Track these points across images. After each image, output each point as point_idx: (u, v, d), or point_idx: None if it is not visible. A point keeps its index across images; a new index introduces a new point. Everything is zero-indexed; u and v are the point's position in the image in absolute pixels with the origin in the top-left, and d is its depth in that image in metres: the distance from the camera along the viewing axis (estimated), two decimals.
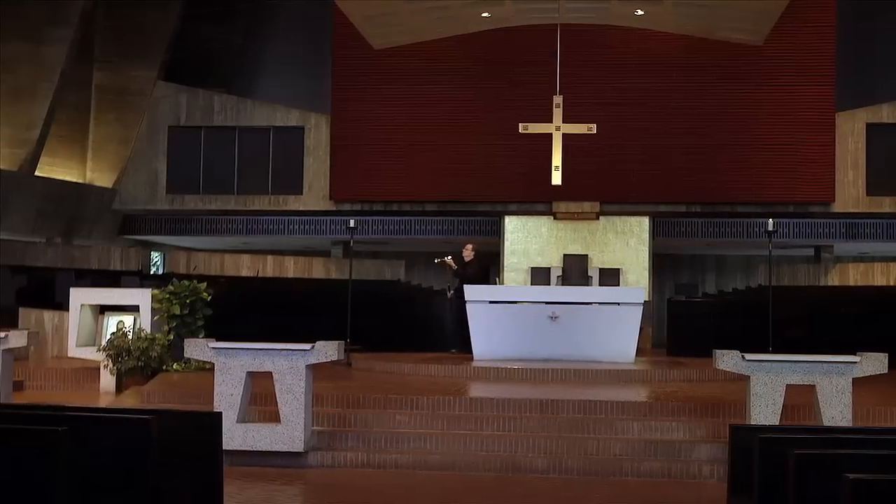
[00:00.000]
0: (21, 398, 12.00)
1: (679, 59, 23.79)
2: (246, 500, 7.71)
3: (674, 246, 26.52)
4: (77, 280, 18.55)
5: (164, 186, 26.00)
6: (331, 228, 25.81)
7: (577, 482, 8.69)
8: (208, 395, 9.40)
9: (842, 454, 5.17)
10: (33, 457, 4.56)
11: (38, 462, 4.55)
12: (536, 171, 21.05)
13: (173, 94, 26.16)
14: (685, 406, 10.03)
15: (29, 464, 4.56)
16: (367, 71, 24.42)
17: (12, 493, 4.53)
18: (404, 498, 8.04)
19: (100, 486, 5.09)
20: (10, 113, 23.68)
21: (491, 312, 14.84)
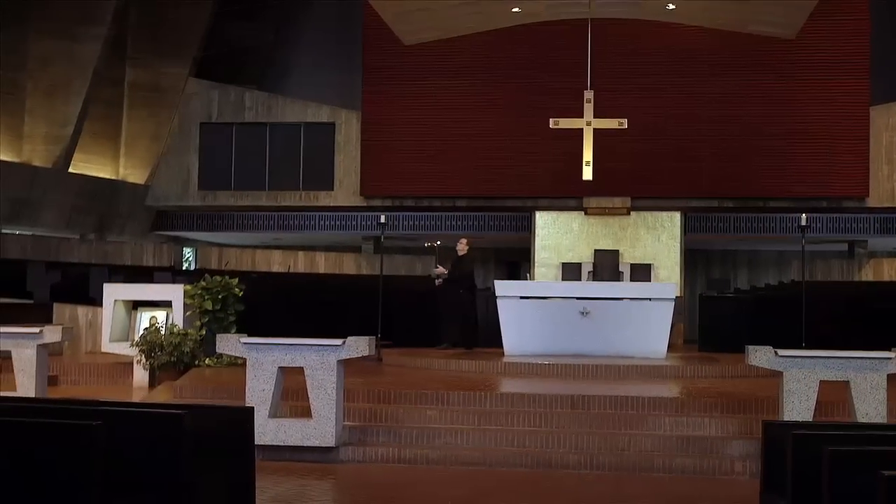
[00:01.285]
0: (55, 393, 12.10)
1: (711, 53, 23.66)
2: (277, 494, 7.73)
3: (705, 241, 26.38)
4: (110, 276, 18.67)
5: (195, 183, 26.14)
6: (361, 224, 25.86)
7: (608, 478, 8.66)
8: (240, 390, 9.44)
9: (876, 451, 5.12)
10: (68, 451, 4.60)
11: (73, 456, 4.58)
12: (567, 167, 21.00)
13: (205, 91, 26.29)
14: (717, 402, 9.97)
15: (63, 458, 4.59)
16: (397, 67, 24.45)
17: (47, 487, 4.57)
18: (435, 493, 8.04)
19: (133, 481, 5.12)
20: (45, 110, 23.89)
21: (521, 308, 14.81)
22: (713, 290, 24.08)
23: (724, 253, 29.97)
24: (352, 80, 25.80)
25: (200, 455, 5.45)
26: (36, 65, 23.79)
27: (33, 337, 10.98)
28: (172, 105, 26.55)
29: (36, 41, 23.66)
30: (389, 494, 7.98)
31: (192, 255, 28.93)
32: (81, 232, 26.32)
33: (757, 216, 24.53)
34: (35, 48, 23.69)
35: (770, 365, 8.86)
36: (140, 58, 26.65)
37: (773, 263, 29.80)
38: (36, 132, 24.00)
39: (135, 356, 13.16)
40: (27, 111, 23.90)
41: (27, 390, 10.81)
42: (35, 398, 9.89)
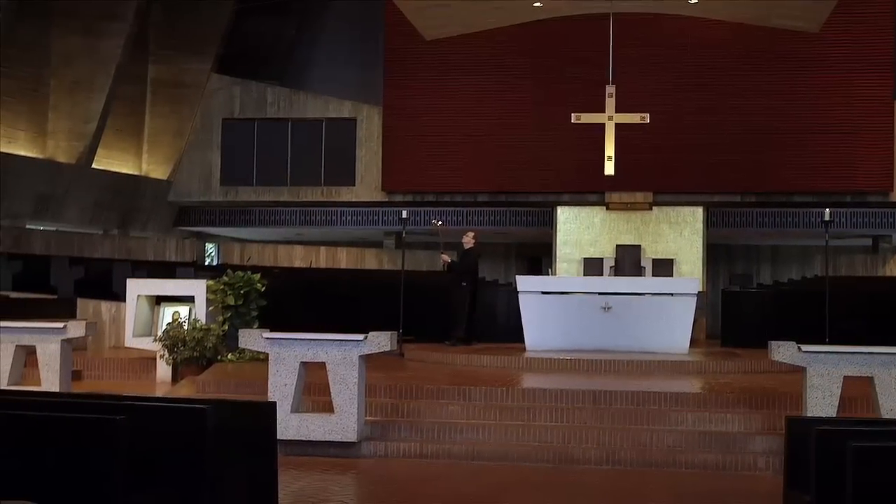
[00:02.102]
0: (79, 387, 12.17)
1: (733, 47, 23.55)
2: (299, 489, 7.76)
3: (728, 236, 26.26)
4: (133, 271, 18.76)
5: (218, 178, 26.23)
6: (383, 219, 25.89)
7: (630, 474, 8.64)
8: (262, 385, 9.47)
9: None
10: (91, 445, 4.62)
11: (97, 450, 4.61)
12: (589, 162, 20.96)
13: (227, 87, 26.37)
14: (740, 397, 9.93)
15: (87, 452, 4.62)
16: (418, 62, 24.45)
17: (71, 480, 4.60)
18: (457, 488, 8.05)
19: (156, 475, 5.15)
20: (68, 106, 24.02)
21: (543, 303, 14.79)
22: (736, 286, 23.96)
23: (747, 248, 29.83)
24: (373, 75, 25.83)
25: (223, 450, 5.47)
26: (59, 61, 23.92)
27: (57, 332, 11.05)
28: (195, 101, 26.65)
29: (59, 38, 23.79)
30: (411, 489, 7.99)
31: (214, 251, 29.04)
32: (105, 227, 26.46)
33: (780, 211, 24.40)
34: (58, 45, 23.83)
35: (793, 360, 8.81)
36: (162, 54, 26.76)
37: (797, 258, 29.64)
38: (59, 128, 24.14)
39: (158, 351, 13.22)
40: (51, 107, 24.04)
41: (51, 385, 10.88)
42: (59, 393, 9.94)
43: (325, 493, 7.80)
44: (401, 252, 16.66)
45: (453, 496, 7.78)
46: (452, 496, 7.78)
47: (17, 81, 23.21)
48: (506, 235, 27.31)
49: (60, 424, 4.79)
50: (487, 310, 17.73)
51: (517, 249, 30.13)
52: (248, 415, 6.20)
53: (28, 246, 23.03)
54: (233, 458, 5.71)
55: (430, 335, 15.74)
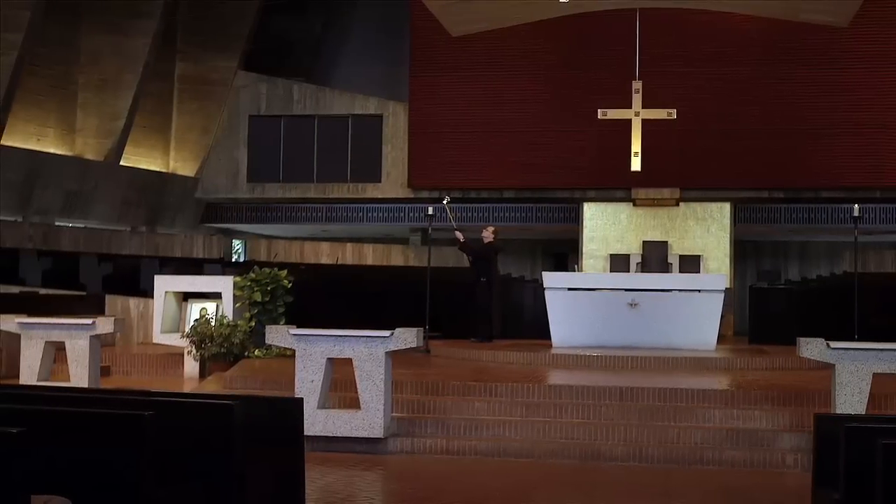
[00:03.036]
0: (108, 383, 12.25)
1: (761, 42, 23.41)
2: (326, 485, 7.78)
3: (756, 232, 26.11)
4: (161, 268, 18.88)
5: (244, 175, 26.32)
6: (409, 216, 25.92)
7: (656, 470, 8.61)
8: (289, 381, 9.50)
9: None
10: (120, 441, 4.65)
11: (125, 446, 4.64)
12: (615, 158, 20.88)
13: (253, 84, 26.46)
14: (768, 394, 9.88)
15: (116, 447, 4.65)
16: (444, 59, 24.44)
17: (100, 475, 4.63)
18: (483, 485, 8.05)
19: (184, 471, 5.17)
20: (96, 104, 24.19)
21: (569, 299, 14.76)
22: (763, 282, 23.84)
23: (775, 244, 29.65)
24: (399, 71, 25.85)
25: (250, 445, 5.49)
26: (87, 59, 24.09)
27: (86, 328, 11.13)
28: (221, 98, 26.75)
29: (87, 36, 23.97)
30: (437, 486, 7.99)
31: (241, 247, 29.15)
32: (132, 224, 26.62)
33: (808, 207, 24.24)
34: (86, 43, 24.00)
35: (822, 357, 8.76)
36: (189, 51, 26.89)
37: (825, 254, 29.43)
38: (88, 126, 24.30)
39: (185, 347, 13.28)
40: (79, 105, 24.21)
41: (80, 380, 10.96)
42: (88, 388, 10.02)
43: (351, 488, 7.82)
44: (427, 248, 16.67)
45: (480, 493, 7.78)
46: (479, 493, 7.78)
47: (47, 79, 23.39)
48: (532, 232, 27.27)
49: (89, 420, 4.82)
50: (513, 306, 17.72)
51: (543, 246, 30.08)
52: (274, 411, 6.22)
53: (57, 243, 23.20)
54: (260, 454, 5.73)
55: (456, 331, 15.74)
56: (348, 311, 16.01)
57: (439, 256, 23.94)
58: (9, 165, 22.14)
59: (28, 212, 23.30)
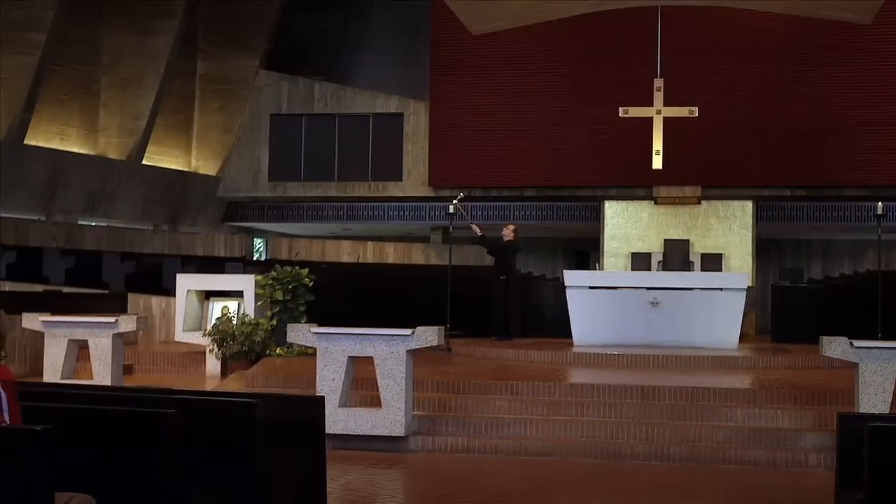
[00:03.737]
0: (130, 381, 12.30)
1: (783, 39, 23.29)
2: (347, 483, 7.79)
3: (778, 230, 25.98)
4: (183, 266, 18.95)
5: (266, 174, 26.38)
6: (430, 214, 25.91)
7: (678, 469, 8.59)
8: (311, 379, 9.52)
9: None
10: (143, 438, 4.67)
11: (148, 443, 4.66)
12: (637, 156, 20.81)
13: (275, 83, 26.51)
14: (790, 393, 9.83)
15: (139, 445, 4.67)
16: (465, 57, 24.43)
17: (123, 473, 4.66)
18: (505, 483, 8.04)
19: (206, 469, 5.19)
20: (119, 103, 24.31)
21: (591, 298, 14.73)
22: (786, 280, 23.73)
23: (798, 242, 29.49)
24: (420, 70, 25.86)
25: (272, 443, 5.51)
26: (110, 59, 24.23)
27: (109, 326, 11.19)
28: (243, 97, 26.84)
29: (110, 36, 24.10)
30: (458, 484, 7.99)
31: (262, 246, 29.24)
32: (155, 223, 26.74)
33: (831, 205, 24.10)
34: (109, 42, 24.13)
35: (845, 356, 8.71)
36: (211, 51, 26.99)
37: (848, 253, 29.25)
38: (110, 125, 24.44)
39: (207, 345, 13.33)
40: (102, 104, 24.36)
41: (103, 378, 11.02)
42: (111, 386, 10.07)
43: (372, 486, 7.83)
44: (448, 247, 16.67)
45: (501, 491, 7.77)
46: (500, 491, 7.77)
47: (70, 79, 23.54)
48: (553, 230, 27.23)
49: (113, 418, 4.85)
50: (534, 304, 17.70)
51: (564, 244, 30.04)
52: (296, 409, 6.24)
53: (80, 241, 23.34)
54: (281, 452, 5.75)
55: (477, 330, 15.72)
56: (369, 310, 16.04)
57: (460, 255, 23.94)
58: (32, 165, 22.29)
59: (51, 211, 23.45)
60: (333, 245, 27.83)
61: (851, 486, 5.82)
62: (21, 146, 21.96)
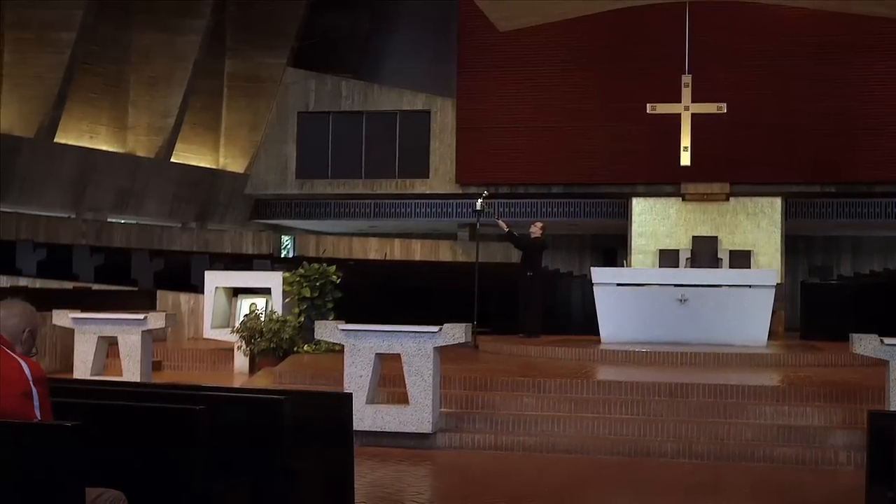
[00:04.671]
0: (159, 378, 12.38)
1: (812, 34, 23.12)
2: (375, 479, 7.80)
3: (807, 227, 25.79)
4: (211, 263, 19.02)
5: (293, 171, 26.46)
6: (457, 211, 25.91)
7: (707, 467, 8.55)
8: (338, 376, 9.53)
9: None
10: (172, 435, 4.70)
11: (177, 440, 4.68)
12: (664, 152, 20.74)
13: (302, 81, 26.58)
14: (820, 391, 9.76)
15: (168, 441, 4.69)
16: (492, 54, 24.40)
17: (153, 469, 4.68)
18: (532, 480, 8.03)
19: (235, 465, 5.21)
20: (147, 102, 24.46)
21: (618, 295, 14.67)
22: (815, 277, 23.58)
23: (827, 239, 29.28)
24: (447, 67, 25.85)
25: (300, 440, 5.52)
26: (139, 58, 24.37)
27: (138, 323, 11.26)
28: (270, 95, 26.93)
29: (139, 35, 24.24)
30: (486, 481, 7.99)
31: (290, 243, 29.33)
32: (183, 220, 26.88)
33: (861, 201, 23.91)
34: (138, 41, 24.28)
35: (875, 353, 8.63)
36: (239, 49, 27.10)
37: (878, 250, 29.02)
38: (139, 123, 24.58)
39: (235, 342, 13.39)
40: (130, 103, 24.51)
41: (132, 375, 11.09)
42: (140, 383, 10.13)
43: (400, 483, 7.84)
44: (475, 244, 16.66)
45: (528, 488, 7.77)
46: (527, 488, 7.76)
47: (99, 78, 23.70)
48: (580, 227, 27.16)
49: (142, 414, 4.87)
50: (562, 301, 17.67)
51: (591, 241, 29.96)
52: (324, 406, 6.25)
53: (109, 239, 23.50)
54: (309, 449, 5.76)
55: (504, 327, 15.71)
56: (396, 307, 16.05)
57: (487, 252, 23.94)
58: (63, 163, 22.46)
59: (81, 208, 23.63)
60: (360, 242, 27.88)
61: (882, 484, 5.77)
62: (51, 144, 22.13)
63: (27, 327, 4.53)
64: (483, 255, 17.72)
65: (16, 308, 4.54)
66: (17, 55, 21.53)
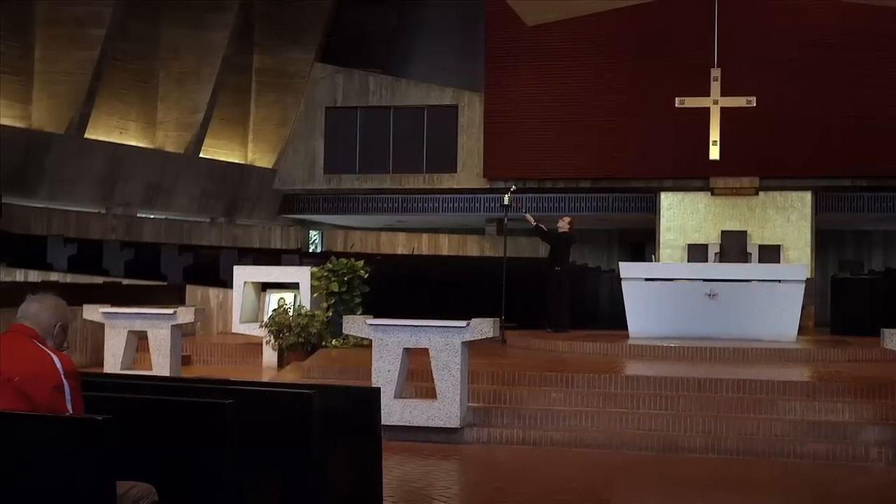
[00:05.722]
0: (188, 372, 12.44)
1: (842, 27, 22.93)
2: (404, 474, 7.82)
3: (838, 221, 25.59)
4: (240, 258, 19.09)
5: (321, 166, 26.53)
6: (484, 206, 25.89)
7: (736, 463, 8.51)
8: (366, 370, 9.55)
9: None
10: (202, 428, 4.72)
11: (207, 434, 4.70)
12: (693, 146, 20.64)
13: (330, 76, 26.63)
14: (851, 386, 9.68)
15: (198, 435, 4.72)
16: (519, 48, 24.36)
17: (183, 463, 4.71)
18: (560, 475, 8.02)
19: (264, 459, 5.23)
20: (176, 97, 24.57)
21: (647, 290, 14.63)
22: (846, 272, 23.41)
23: (858, 233, 29.05)
24: (474, 62, 25.83)
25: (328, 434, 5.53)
26: (168, 54, 24.49)
27: (168, 318, 11.33)
28: (298, 90, 27.00)
29: (168, 31, 24.36)
30: (514, 476, 7.99)
31: (318, 238, 29.41)
32: (212, 215, 27.00)
33: (892, 195, 23.70)
34: (167, 37, 24.39)
35: None
36: (267, 44, 27.17)
37: None
38: (168, 119, 24.70)
39: (264, 337, 13.43)
40: (160, 98, 24.63)
41: (162, 369, 11.16)
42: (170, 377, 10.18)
43: (428, 478, 7.85)
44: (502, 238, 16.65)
45: (556, 483, 7.76)
46: (556, 483, 7.75)
47: (129, 74, 23.83)
48: (608, 222, 27.09)
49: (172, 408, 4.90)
50: (589, 296, 17.62)
51: (619, 236, 29.87)
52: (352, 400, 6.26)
53: (139, 234, 23.64)
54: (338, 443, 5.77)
55: (532, 322, 15.69)
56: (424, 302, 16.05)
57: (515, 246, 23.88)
58: (93, 158, 22.61)
59: (111, 204, 23.78)
60: (388, 237, 27.92)
61: None
62: (82, 140, 22.29)
63: (58, 322, 4.57)
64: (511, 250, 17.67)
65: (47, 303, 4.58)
66: (49, 52, 21.69)
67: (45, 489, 3.94)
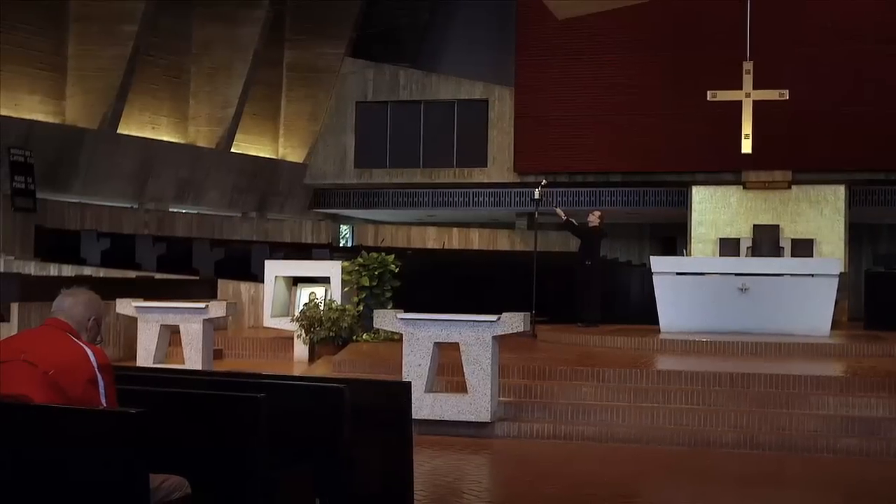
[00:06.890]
0: (220, 366, 12.52)
1: (876, 17, 22.69)
2: (434, 468, 7.83)
3: (872, 215, 25.36)
4: (271, 253, 19.16)
5: (352, 161, 26.57)
6: (515, 200, 25.84)
7: (768, 458, 8.46)
8: (396, 365, 9.58)
9: None
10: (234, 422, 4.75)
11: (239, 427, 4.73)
12: (725, 140, 20.51)
13: (360, 70, 26.66)
14: (885, 382, 9.61)
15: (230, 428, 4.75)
16: (550, 42, 24.28)
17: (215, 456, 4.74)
18: (591, 470, 8.01)
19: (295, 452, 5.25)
20: (208, 92, 24.69)
21: (678, 284, 14.57)
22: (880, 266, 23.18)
23: (892, 227, 28.76)
24: (505, 56, 25.77)
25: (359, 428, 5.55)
26: (199, 49, 24.61)
27: (199, 312, 11.40)
28: (329, 85, 27.05)
29: (199, 26, 24.48)
30: (545, 471, 7.98)
31: (349, 233, 29.47)
32: (243, 210, 27.11)
33: None
34: (198, 33, 24.52)
35: None
36: (297, 39, 27.23)
37: None
38: (200, 114, 24.83)
39: (295, 331, 13.49)
40: (191, 94, 24.75)
41: (194, 363, 11.24)
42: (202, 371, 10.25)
43: (458, 472, 7.86)
44: (533, 233, 16.63)
45: (587, 478, 7.75)
46: (586, 478, 7.75)
47: (161, 69, 23.97)
48: (639, 216, 26.98)
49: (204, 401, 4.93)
50: (620, 291, 17.57)
51: (651, 230, 29.74)
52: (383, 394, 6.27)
53: (171, 228, 23.77)
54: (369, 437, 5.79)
55: (562, 316, 15.65)
56: (455, 296, 16.06)
57: (545, 241, 23.85)
58: (125, 154, 22.75)
59: (143, 198, 23.92)
60: (419, 231, 27.93)
61: None
62: (115, 135, 22.43)
63: (92, 315, 4.61)
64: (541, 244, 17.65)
65: (81, 297, 4.62)
66: (82, 48, 21.84)
67: (81, 482, 3.98)
